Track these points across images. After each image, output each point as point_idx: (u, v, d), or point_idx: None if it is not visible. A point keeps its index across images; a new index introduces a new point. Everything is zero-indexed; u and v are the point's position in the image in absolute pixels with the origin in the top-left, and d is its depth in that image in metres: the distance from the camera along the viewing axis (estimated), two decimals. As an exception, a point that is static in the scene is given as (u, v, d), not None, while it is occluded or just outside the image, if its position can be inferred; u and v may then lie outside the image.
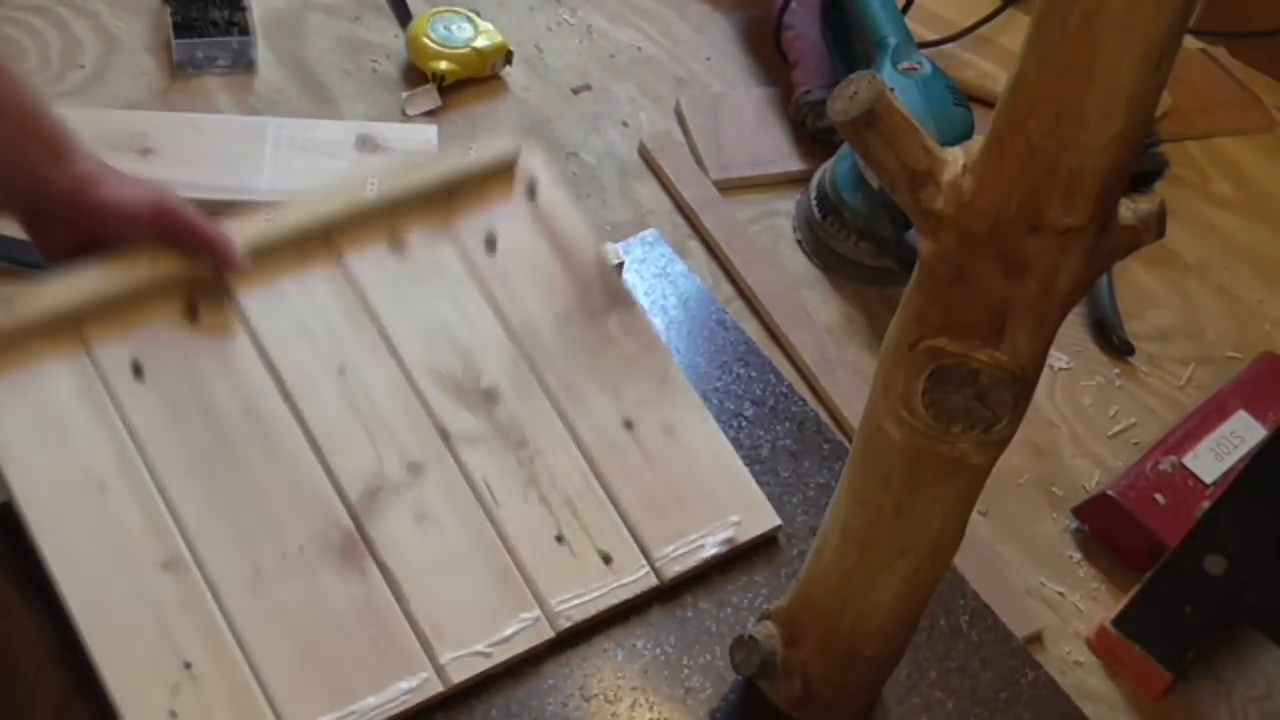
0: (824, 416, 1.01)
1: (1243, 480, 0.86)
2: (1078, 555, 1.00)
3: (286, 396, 0.86)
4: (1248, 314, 1.18)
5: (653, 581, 0.88)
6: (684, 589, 0.89)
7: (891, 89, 0.64)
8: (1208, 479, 1.00)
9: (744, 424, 0.98)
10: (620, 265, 1.04)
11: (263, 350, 0.87)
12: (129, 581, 0.80)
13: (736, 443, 0.97)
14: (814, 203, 1.13)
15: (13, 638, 0.83)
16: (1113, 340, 1.13)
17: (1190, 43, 1.38)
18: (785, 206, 1.17)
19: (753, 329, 1.07)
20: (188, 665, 0.79)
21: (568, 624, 0.85)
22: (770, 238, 1.15)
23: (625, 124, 1.20)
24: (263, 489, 0.84)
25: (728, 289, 1.10)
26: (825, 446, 0.98)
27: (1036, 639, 0.94)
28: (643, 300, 1.04)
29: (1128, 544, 0.98)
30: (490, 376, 0.90)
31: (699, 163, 1.18)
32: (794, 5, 1.24)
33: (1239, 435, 1.03)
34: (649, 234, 1.09)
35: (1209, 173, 1.29)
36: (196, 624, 0.80)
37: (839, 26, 1.21)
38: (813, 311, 1.09)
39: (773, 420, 0.99)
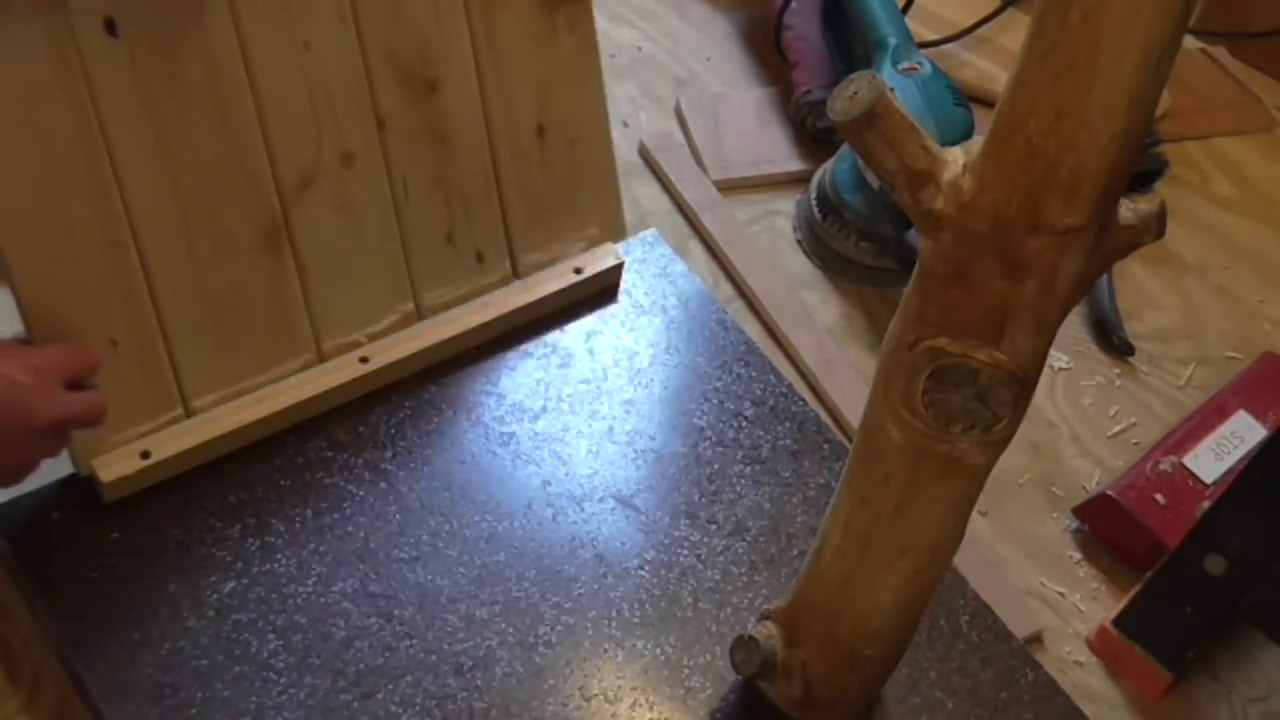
0: (824, 416, 1.01)
1: (1243, 480, 0.86)
2: (1078, 555, 1.00)
3: (248, 69, 0.83)
4: (1248, 314, 1.18)
5: (511, 278, 0.99)
6: (684, 589, 0.89)
7: (891, 89, 0.64)
8: (1208, 479, 1.00)
9: (744, 424, 0.98)
10: (620, 265, 1.04)
11: (236, 12, 0.82)
12: (72, 257, 0.80)
13: (736, 443, 0.97)
14: (814, 203, 1.13)
15: (12, 638, 0.83)
16: (1113, 340, 1.12)
17: (1190, 42, 1.38)
18: (785, 207, 1.17)
19: (752, 329, 1.06)
20: (114, 343, 0.83)
21: (431, 314, 0.95)
22: (770, 238, 1.15)
23: (625, 124, 1.20)
24: (208, 170, 0.83)
25: (727, 289, 1.10)
26: (825, 446, 0.98)
27: (1037, 639, 0.94)
28: (643, 300, 1.04)
29: (1128, 544, 0.98)
30: (437, 66, 0.90)
31: (699, 163, 1.18)
32: (794, 5, 1.24)
33: (1239, 435, 1.03)
34: (649, 234, 1.09)
35: (1209, 173, 1.29)
36: (127, 301, 0.82)
37: (839, 26, 1.21)
38: (813, 311, 1.09)
39: (773, 420, 0.99)
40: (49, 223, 0.79)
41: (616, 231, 1.04)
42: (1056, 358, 1.11)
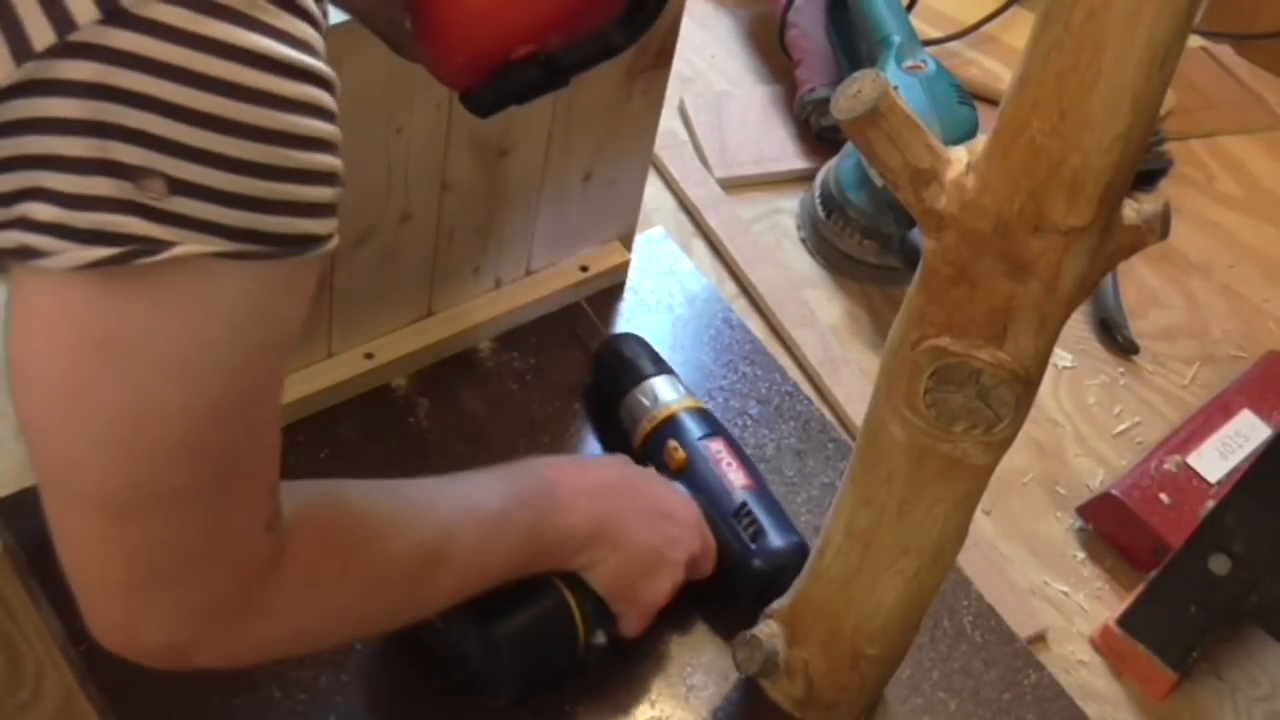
0: (829, 415, 1.01)
1: (1247, 479, 0.86)
2: (1082, 555, 0.99)
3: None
4: (1253, 313, 1.18)
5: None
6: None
7: (895, 87, 0.64)
8: (1212, 478, 0.99)
9: (749, 422, 0.98)
10: (626, 262, 1.04)
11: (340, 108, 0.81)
12: None
13: (741, 441, 0.97)
14: (818, 201, 1.13)
15: (16, 634, 0.83)
16: (1117, 339, 1.12)
17: (1194, 41, 1.38)
18: (789, 205, 1.17)
19: (756, 327, 1.06)
20: None
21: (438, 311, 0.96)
22: (774, 236, 1.15)
23: (629, 122, 1.20)
24: None
25: (731, 287, 1.10)
26: (830, 446, 0.98)
27: (1040, 638, 0.94)
28: (648, 297, 1.04)
29: (1132, 543, 0.98)
30: (513, 136, 0.90)
31: (703, 161, 1.18)
32: (798, 3, 1.24)
33: (1243, 434, 1.03)
34: (655, 231, 1.09)
35: (1214, 171, 1.29)
36: None
37: (843, 24, 1.20)
38: (816, 310, 1.09)
39: (778, 419, 0.99)
40: None
41: (628, 237, 1.04)
42: (1060, 356, 1.11)
